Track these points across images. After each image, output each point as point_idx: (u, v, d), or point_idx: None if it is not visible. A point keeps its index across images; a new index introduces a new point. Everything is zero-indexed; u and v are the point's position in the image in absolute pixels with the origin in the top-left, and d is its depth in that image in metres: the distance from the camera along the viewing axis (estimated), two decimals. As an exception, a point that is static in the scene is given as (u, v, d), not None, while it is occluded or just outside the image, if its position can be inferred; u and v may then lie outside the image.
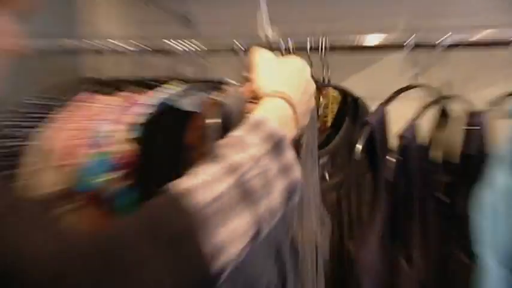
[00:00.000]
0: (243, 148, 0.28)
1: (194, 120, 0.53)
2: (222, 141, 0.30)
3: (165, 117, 0.56)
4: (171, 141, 0.54)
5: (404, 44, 0.54)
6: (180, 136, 0.53)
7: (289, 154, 0.30)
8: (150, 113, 0.55)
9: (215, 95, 0.53)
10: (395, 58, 0.59)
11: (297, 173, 0.30)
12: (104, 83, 0.71)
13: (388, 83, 0.59)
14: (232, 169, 0.26)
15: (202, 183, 0.25)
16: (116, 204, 0.58)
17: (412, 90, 0.57)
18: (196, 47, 0.64)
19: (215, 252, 0.23)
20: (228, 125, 0.39)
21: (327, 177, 0.59)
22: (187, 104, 0.56)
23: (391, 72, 0.63)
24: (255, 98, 0.36)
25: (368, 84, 0.67)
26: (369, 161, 0.55)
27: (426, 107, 0.55)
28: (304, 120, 0.38)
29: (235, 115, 0.40)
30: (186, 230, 0.23)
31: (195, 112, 0.54)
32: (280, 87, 0.35)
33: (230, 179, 0.26)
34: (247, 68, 0.39)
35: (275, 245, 0.42)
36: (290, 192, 0.30)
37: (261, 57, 0.39)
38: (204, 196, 0.24)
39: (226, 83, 0.53)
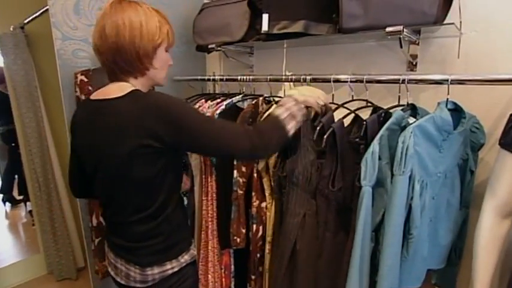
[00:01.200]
0: (288, 103, 0.92)
1: (242, 111, 1.19)
2: (281, 102, 0.94)
3: (231, 110, 1.24)
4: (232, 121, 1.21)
5: (349, 79, 1.08)
6: (235, 119, 1.19)
7: (301, 108, 0.94)
8: (224, 108, 1.24)
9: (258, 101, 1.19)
10: (345, 86, 1.12)
11: (302, 117, 0.94)
12: (210, 95, 1.45)
13: (342, 99, 1.13)
14: (288, 108, 0.90)
15: (282, 112, 0.89)
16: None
17: (352, 102, 1.10)
18: (251, 78, 1.32)
19: (287, 130, 0.88)
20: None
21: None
22: (241, 104, 1.23)
23: (343, 92, 1.16)
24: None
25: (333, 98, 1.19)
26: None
27: (356, 110, 1.07)
28: (303, 102, 0.95)
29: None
30: (283, 124, 0.87)
31: (243, 108, 1.20)
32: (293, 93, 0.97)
33: (288, 111, 0.90)
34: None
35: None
36: (301, 121, 0.94)
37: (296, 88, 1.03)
38: (284, 116, 0.88)
39: (265, 96, 1.19)
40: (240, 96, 1.31)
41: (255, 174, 1.15)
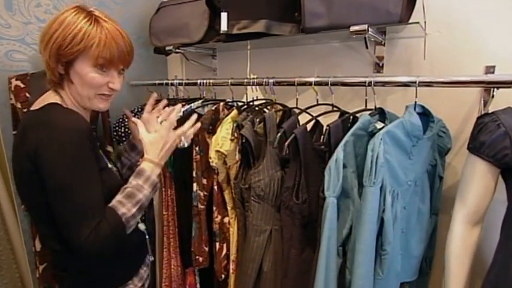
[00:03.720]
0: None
1: (201, 118, 1.08)
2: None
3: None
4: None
5: (313, 82, 1.01)
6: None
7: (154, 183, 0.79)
8: (182, 116, 1.13)
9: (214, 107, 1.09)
10: (310, 89, 1.06)
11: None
12: (170, 100, 1.33)
13: (307, 103, 1.06)
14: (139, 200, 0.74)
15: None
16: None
17: (319, 106, 1.03)
18: (212, 82, 1.22)
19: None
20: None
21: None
22: (201, 110, 1.13)
23: (308, 95, 1.10)
24: None
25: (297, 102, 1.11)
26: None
27: (322, 114, 1.00)
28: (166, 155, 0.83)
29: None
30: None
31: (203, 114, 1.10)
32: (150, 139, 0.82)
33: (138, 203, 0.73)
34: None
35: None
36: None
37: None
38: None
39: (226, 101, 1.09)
40: (200, 101, 1.20)
41: (215, 187, 1.05)
